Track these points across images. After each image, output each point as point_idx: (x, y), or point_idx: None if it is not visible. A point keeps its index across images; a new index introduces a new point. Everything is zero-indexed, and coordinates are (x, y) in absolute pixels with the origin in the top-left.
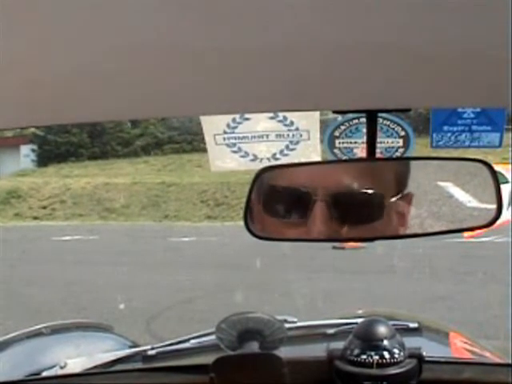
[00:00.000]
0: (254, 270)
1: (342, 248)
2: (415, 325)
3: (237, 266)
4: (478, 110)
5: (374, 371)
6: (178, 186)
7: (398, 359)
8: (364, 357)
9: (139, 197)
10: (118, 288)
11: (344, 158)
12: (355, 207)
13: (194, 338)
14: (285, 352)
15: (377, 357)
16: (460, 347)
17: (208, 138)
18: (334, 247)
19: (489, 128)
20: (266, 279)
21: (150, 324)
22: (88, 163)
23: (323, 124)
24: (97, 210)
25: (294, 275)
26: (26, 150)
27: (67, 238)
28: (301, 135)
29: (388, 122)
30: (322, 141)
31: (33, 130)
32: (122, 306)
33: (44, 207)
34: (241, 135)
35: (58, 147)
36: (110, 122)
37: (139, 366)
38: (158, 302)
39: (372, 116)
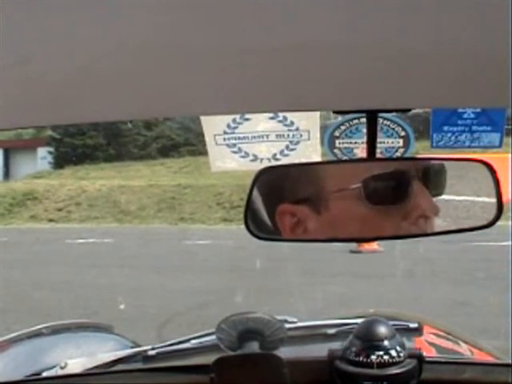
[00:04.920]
0: (270, 274)
1: (359, 252)
2: (415, 325)
3: (252, 270)
4: (478, 110)
5: (375, 371)
6: (194, 189)
7: (398, 359)
8: (364, 357)
9: (155, 199)
10: (131, 292)
11: (344, 158)
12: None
13: (194, 338)
14: (285, 352)
15: (377, 357)
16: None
17: (208, 139)
18: (352, 251)
19: (489, 128)
20: (281, 283)
21: (162, 328)
22: (104, 165)
23: (323, 124)
24: (112, 213)
25: (311, 279)
26: (42, 152)
27: (81, 240)
28: (301, 135)
29: (388, 123)
30: (322, 141)
31: (50, 132)
32: (134, 311)
33: (59, 209)
34: (241, 135)
35: (74, 149)
36: (118, 123)
37: (140, 366)
38: (172, 306)
39: (372, 116)
